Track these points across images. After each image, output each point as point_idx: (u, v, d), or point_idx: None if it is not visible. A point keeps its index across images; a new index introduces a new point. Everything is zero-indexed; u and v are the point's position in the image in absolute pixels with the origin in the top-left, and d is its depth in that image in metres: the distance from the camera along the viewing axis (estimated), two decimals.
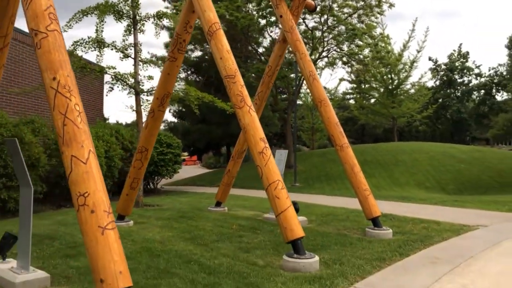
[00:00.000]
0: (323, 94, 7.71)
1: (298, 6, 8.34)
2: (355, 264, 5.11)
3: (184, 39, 6.75)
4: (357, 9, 19.00)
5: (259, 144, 5.49)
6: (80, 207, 3.24)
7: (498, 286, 4.39)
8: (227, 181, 9.53)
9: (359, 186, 7.14)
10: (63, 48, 3.69)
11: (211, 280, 4.44)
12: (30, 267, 4.17)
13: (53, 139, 10.95)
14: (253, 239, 6.55)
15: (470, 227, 7.64)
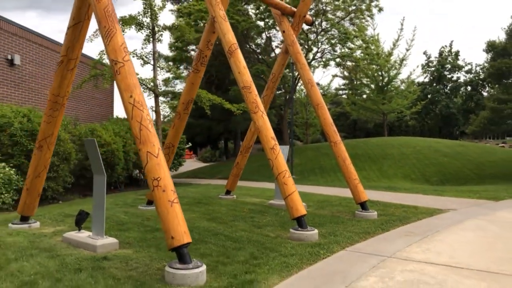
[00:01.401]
0: (320, 99, 9.12)
1: (299, 23, 9.73)
2: (346, 236, 6.56)
3: (206, 54, 8.13)
4: (349, 13, 20.38)
5: (270, 141, 6.91)
6: (155, 187, 4.63)
7: (451, 248, 5.87)
8: (236, 172, 10.95)
9: (349, 176, 8.60)
10: (135, 73, 5.06)
11: (236, 246, 5.86)
12: (103, 235, 5.57)
13: (77, 136, 12.27)
14: (262, 219, 7.99)
15: (443, 211, 9.16)
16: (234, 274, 4.61)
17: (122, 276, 4.45)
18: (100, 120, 16.29)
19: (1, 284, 4.09)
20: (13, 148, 9.42)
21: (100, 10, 5.12)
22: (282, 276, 4.65)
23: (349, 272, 4.82)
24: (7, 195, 8.69)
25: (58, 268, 4.61)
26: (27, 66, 12.27)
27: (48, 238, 5.94)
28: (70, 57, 6.05)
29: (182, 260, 4.45)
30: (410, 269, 4.89)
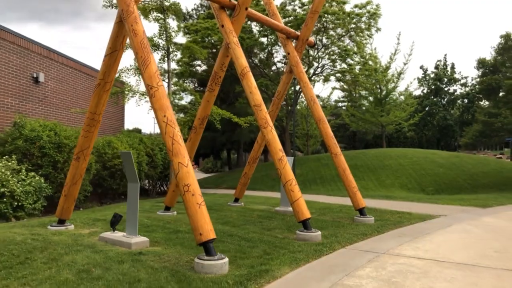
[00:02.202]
0: (321, 114, 10.05)
1: (302, 45, 10.71)
2: (346, 237, 7.44)
3: (220, 75, 9.08)
4: (348, 30, 21.45)
5: (278, 153, 7.82)
6: (185, 192, 5.53)
7: (437, 246, 6.75)
8: (244, 182, 11.85)
9: (349, 185, 9.50)
10: (167, 96, 5.99)
11: (250, 245, 6.73)
12: (137, 235, 6.44)
13: (95, 147, 13.17)
14: (270, 223, 8.86)
15: (434, 216, 10.04)
16: (251, 266, 5.49)
17: (158, 266, 5.32)
18: (113, 132, 17.22)
19: (62, 271, 4.97)
20: (42, 159, 10.32)
21: (137, 43, 6.07)
22: (292, 267, 5.52)
23: (349, 264, 5.70)
24: (39, 202, 9.58)
25: (104, 260, 5.49)
26: (49, 83, 13.23)
27: (87, 238, 6.81)
28: (106, 80, 6.99)
29: (209, 253, 5.33)
30: (400, 262, 5.77)
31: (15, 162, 9.49)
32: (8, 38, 11.38)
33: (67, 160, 10.75)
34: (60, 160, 10.60)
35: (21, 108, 11.91)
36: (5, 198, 8.75)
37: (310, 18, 10.44)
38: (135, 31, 6.11)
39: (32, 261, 5.30)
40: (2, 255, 5.36)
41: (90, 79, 16.08)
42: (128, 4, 6.21)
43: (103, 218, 8.60)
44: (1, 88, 11.15)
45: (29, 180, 9.45)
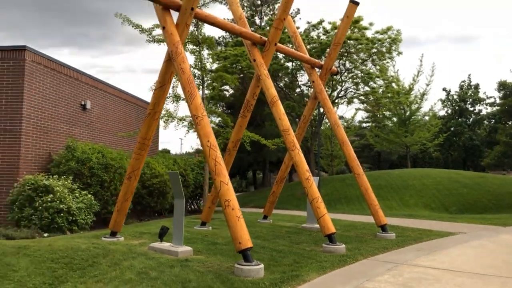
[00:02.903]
0: (344, 137, 10.88)
1: (326, 74, 11.65)
2: (368, 250, 8.17)
3: (252, 103, 10.09)
4: (371, 55, 22.31)
5: (305, 173, 8.68)
6: (226, 207, 6.44)
7: (452, 259, 7.40)
8: (272, 200, 12.70)
9: (371, 203, 10.22)
10: (209, 124, 6.99)
11: (281, 255, 7.56)
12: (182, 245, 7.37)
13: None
14: (298, 238, 9.65)
15: (453, 233, 10.60)
16: (283, 271, 6.31)
17: (204, 270, 6.21)
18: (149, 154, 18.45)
19: (125, 272, 5.92)
20: (91, 178, 11.48)
21: (184, 79, 7.13)
22: (319, 273, 6.32)
23: (369, 272, 6.45)
24: (89, 216, 10.68)
25: (157, 265, 6.42)
26: (94, 110, 14.57)
27: (138, 247, 7.78)
28: (156, 110, 8.08)
29: (247, 259, 6.20)
30: (416, 271, 6.48)
31: (70, 181, 10.66)
32: (61, 71, 12.77)
33: (113, 179, 11.88)
34: (107, 179, 11.74)
35: (71, 132, 13.21)
36: (63, 213, 9.87)
37: (333, 50, 11.39)
38: (183, 69, 7.18)
39: (98, 264, 6.28)
40: (74, 259, 6.37)
41: (128, 105, 17.43)
42: (176, 47, 7.31)
43: (147, 232, 9.59)
44: (55, 115, 12.48)
45: (82, 197, 10.59)
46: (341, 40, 11.41)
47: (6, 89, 11.14)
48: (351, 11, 11.13)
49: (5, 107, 11.12)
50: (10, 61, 11.17)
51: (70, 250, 6.83)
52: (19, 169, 10.98)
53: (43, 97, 11.92)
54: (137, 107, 18.30)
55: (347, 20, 11.16)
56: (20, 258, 6.09)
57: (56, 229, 9.82)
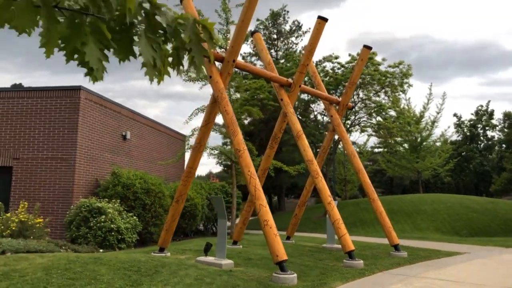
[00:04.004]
0: (360, 166, 12.22)
1: (342, 109, 13.11)
2: (383, 265, 9.41)
3: (278, 136, 11.56)
4: (383, 87, 23.81)
5: (327, 198, 10.02)
6: (265, 226, 7.80)
7: (457, 273, 8.61)
8: (294, 222, 13.99)
9: (385, 224, 11.47)
10: (249, 156, 8.44)
11: (308, 269, 8.84)
12: (225, 258, 8.71)
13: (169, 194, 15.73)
14: (320, 255, 10.91)
15: (460, 253, 11.75)
16: (312, 280, 7.61)
17: (247, 278, 7.54)
18: (176, 179, 19.93)
19: (184, 279, 7.27)
20: (135, 202, 12.95)
21: (228, 120, 8.63)
22: (342, 282, 7.60)
23: (385, 282, 7.71)
24: (134, 236, 12.10)
25: (207, 274, 7.76)
26: (132, 139, 16.19)
27: (186, 260, 9.13)
28: (201, 144, 9.57)
29: (283, 270, 7.52)
30: (424, 282, 7.72)
31: (118, 204, 12.14)
32: (107, 105, 14.46)
33: (153, 202, 13.34)
34: (148, 202, 13.20)
35: (113, 160, 14.78)
36: (113, 232, 11.30)
37: (348, 88, 12.89)
38: (227, 111, 8.69)
39: (160, 272, 7.65)
40: (141, 268, 7.75)
41: (160, 134, 19.06)
42: (221, 92, 8.85)
43: (188, 249, 10.95)
44: (101, 145, 14.09)
45: (128, 218, 12.03)
46: (356, 79, 12.92)
47: (63, 123, 12.79)
48: (365, 54, 12.66)
49: (62, 139, 12.74)
50: (68, 99, 12.87)
51: (134, 261, 8.21)
52: (73, 194, 12.50)
53: (92, 129, 13.55)
54: (168, 136, 19.93)
55: (361, 62, 12.69)
56: (99, 266, 7.49)
57: (107, 246, 11.23)
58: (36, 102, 12.97)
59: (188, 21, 2.14)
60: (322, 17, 10.70)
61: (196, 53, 2.18)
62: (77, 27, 1.73)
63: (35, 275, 6.49)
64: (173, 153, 19.93)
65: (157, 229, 13.72)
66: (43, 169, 12.72)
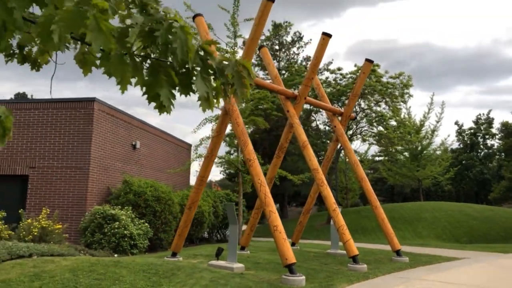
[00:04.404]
0: (363, 174, 12.72)
1: (345, 120, 13.65)
2: (385, 269, 9.88)
3: (285, 146, 12.09)
4: (384, 97, 24.39)
5: (332, 205, 10.52)
6: (275, 231, 8.30)
7: (456, 276, 9.09)
8: (299, 229, 14.47)
9: (387, 231, 11.95)
10: (259, 166, 8.96)
11: (315, 272, 9.31)
12: (236, 262, 9.19)
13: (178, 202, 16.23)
14: (326, 260, 11.38)
15: (459, 258, 12.22)
16: (320, 282, 8.09)
17: (258, 280, 8.02)
18: (182, 187, 20.44)
19: (200, 280, 7.75)
20: (146, 209, 13.44)
21: (239, 131, 9.18)
22: (348, 283, 8.09)
23: (387, 283, 8.20)
24: (145, 241, 12.58)
25: (221, 276, 8.24)
26: (141, 149, 16.73)
27: (199, 264, 9.62)
28: (213, 154, 10.11)
29: (292, 272, 8.00)
30: (425, 283, 8.20)
31: (130, 212, 12.65)
32: (118, 116, 15.02)
33: (163, 210, 13.84)
34: (159, 209, 13.69)
35: (124, 169, 15.31)
36: (126, 238, 11.79)
37: (351, 100, 13.46)
38: (237, 123, 9.24)
39: (177, 275, 8.13)
40: (158, 270, 8.23)
41: (167, 143, 19.61)
42: (232, 105, 9.40)
43: (199, 254, 11.43)
44: (113, 154, 14.62)
45: (140, 225, 12.53)
46: (358, 91, 13.49)
47: (77, 133, 13.34)
48: (367, 68, 13.25)
49: (76, 148, 13.28)
50: (82, 110, 13.43)
51: (152, 265, 8.70)
52: (87, 201, 13.01)
53: (105, 139, 14.10)
54: (174, 145, 20.48)
55: (363, 75, 13.27)
56: (120, 269, 7.98)
57: (121, 251, 11.71)
58: (52, 113, 13.53)
59: (231, 62, 2.69)
60: (326, 33, 11.29)
61: (238, 86, 2.73)
62: (156, 75, 2.28)
63: (64, 276, 6.99)
64: (179, 162, 20.45)
65: (166, 235, 14.20)
66: (58, 177, 13.24)
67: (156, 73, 2.31)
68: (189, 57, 2.34)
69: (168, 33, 2.26)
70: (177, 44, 2.26)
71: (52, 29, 1.91)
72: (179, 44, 2.28)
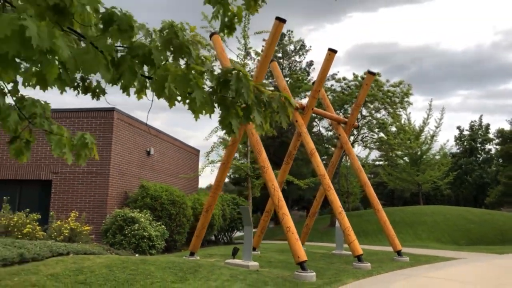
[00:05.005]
0: (366, 179, 13.58)
1: (349, 128, 14.53)
2: (388, 267, 10.72)
3: (293, 153, 12.96)
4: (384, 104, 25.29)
5: (338, 208, 11.38)
6: (288, 232, 9.15)
7: (452, 273, 9.93)
8: (306, 231, 15.31)
9: (388, 233, 12.79)
10: (272, 172, 9.82)
11: (323, 270, 10.15)
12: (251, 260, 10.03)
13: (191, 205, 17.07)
14: (332, 260, 12.22)
15: (456, 258, 13.05)
16: (329, 278, 8.94)
17: (273, 276, 8.86)
18: (191, 191, 21.29)
19: (220, 276, 8.59)
20: (161, 212, 14.29)
21: (254, 140, 10.04)
22: (354, 279, 8.93)
23: (390, 279, 9.04)
24: (162, 243, 13.41)
25: (239, 273, 9.08)
26: (155, 155, 17.60)
27: (217, 263, 10.45)
28: (228, 161, 10.97)
29: (304, 269, 8.85)
30: (424, 279, 9.04)
31: (148, 215, 13.50)
32: (135, 125, 15.90)
33: (178, 213, 14.68)
34: (174, 212, 14.54)
35: (140, 174, 16.17)
36: (145, 239, 12.63)
37: (355, 110, 14.35)
38: (252, 133, 10.11)
39: (199, 271, 8.97)
40: (182, 267, 9.07)
41: (178, 150, 20.48)
42: None
43: (214, 253, 12.28)
44: (130, 160, 15.49)
45: (157, 227, 13.37)
46: (361, 102, 14.38)
47: (98, 141, 14.19)
48: (369, 79, 14.14)
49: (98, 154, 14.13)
50: (102, 119, 14.31)
51: (175, 263, 9.54)
52: (107, 205, 13.86)
53: (123, 146, 14.96)
54: (184, 151, 21.35)
55: (366, 87, 14.15)
56: (148, 265, 8.82)
57: (140, 251, 12.54)
58: (74, 122, 14.41)
59: (276, 96, 3.57)
60: (332, 49, 12.19)
61: (282, 113, 3.61)
62: (228, 110, 3.17)
63: (101, 271, 7.84)
64: (188, 167, 21.32)
65: (180, 237, 15.04)
66: (80, 182, 14.10)
67: (228, 108, 3.20)
68: (250, 96, 3.23)
69: (237, 81, 3.15)
70: (244, 89, 3.15)
71: (165, 86, 2.79)
72: (245, 89, 3.17)
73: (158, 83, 2.80)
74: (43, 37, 2.07)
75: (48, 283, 6.77)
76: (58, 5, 2.38)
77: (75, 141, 4.15)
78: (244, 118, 3.35)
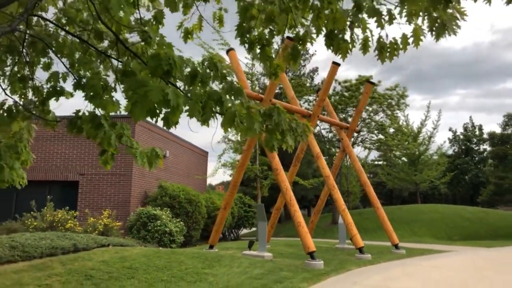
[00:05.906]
0: (366, 180, 14.93)
1: (351, 133, 15.87)
2: (386, 258, 12.09)
3: (301, 156, 14.31)
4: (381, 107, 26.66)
5: (342, 206, 12.74)
6: (298, 226, 10.50)
7: (442, 262, 11.30)
8: (311, 227, 16.63)
9: (387, 228, 14.15)
10: (284, 175, 11.16)
11: (329, 260, 11.49)
12: (266, 252, 11.38)
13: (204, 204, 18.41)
14: (336, 253, 13.58)
15: (448, 251, 14.43)
16: (335, 266, 10.30)
17: (286, 264, 10.22)
18: (201, 191, 22.65)
19: (240, 264, 9.93)
20: (179, 210, 15.64)
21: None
22: (357, 267, 10.29)
23: (388, 267, 10.40)
24: (181, 238, 14.75)
25: (256, 262, 10.42)
26: (170, 157, 18.95)
27: (235, 254, 11.79)
28: (244, 163, 12.31)
29: (313, 258, 10.20)
30: (417, 267, 10.41)
31: (168, 212, 14.85)
32: (154, 130, 17.24)
33: (194, 210, 16.03)
34: (190, 210, 15.88)
35: (157, 175, 17.51)
36: (167, 235, 13.98)
37: (356, 116, 15.71)
38: None
39: (222, 260, 10.31)
40: (207, 257, 10.41)
41: (190, 152, 21.84)
42: None
43: (230, 247, 13.63)
44: None
45: (176, 223, 14.72)
46: (362, 108, 15.74)
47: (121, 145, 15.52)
48: (369, 88, 15.49)
49: (120, 157, 15.47)
50: None
51: (199, 253, 10.88)
52: (130, 203, 15.20)
53: None
54: (194, 153, 22.72)
55: (366, 95, 15.51)
56: (178, 255, 10.15)
57: (162, 245, 13.88)
58: None
59: (301, 124, 4.93)
60: (336, 62, 13.53)
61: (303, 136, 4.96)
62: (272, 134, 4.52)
63: (141, 260, 9.18)
64: (198, 168, 22.67)
65: (196, 233, 16.39)
66: (104, 183, 15.43)
67: (272, 133, 4.55)
68: (285, 126, 4.60)
69: (278, 115, 4.49)
70: (282, 121, 4.50)
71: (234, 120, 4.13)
72: (283, 121, 4.52)
73: (228, 118, 4.14)
74: (173, 97, 3.42)
75: (103, 267, 8.12)
76: (169, 71, 3.73)
77: (148, 153, 5.52)
78: (281, 141, 4.71)
